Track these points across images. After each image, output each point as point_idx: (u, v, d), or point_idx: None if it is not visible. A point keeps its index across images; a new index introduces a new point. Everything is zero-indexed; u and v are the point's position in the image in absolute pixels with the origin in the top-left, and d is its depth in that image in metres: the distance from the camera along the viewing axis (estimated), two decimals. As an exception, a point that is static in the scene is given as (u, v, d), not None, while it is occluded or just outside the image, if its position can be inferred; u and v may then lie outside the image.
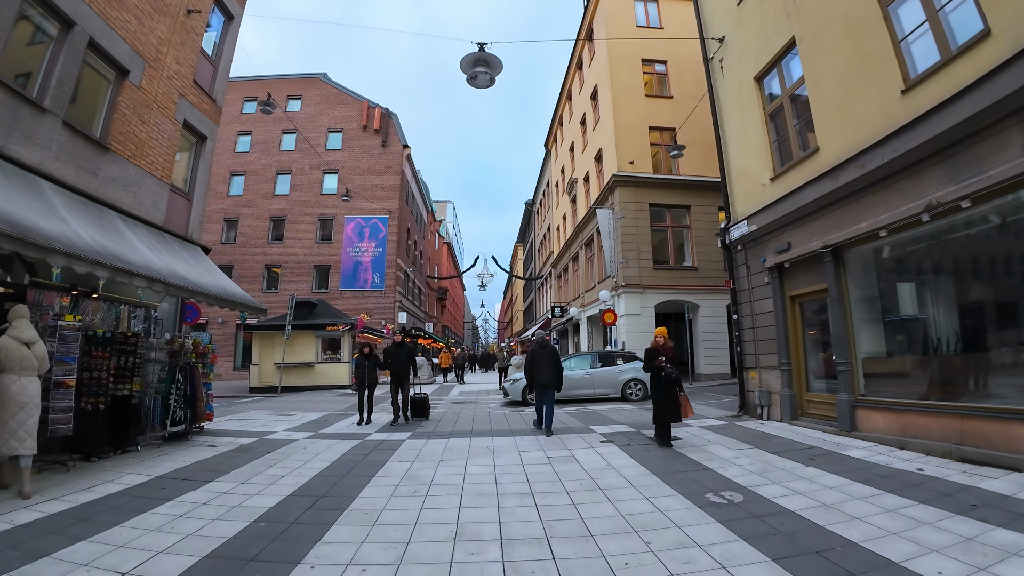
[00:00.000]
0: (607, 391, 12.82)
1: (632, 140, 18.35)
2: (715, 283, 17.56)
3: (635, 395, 12.65)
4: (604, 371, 12.98)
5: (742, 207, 9.99)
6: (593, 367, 13.10)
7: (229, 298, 8.09)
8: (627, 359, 13.28)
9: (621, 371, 12.92)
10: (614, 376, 12.88)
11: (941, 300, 6.70)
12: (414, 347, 9.82)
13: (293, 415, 11.14)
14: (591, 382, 12.86)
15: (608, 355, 13.64)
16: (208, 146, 10.73)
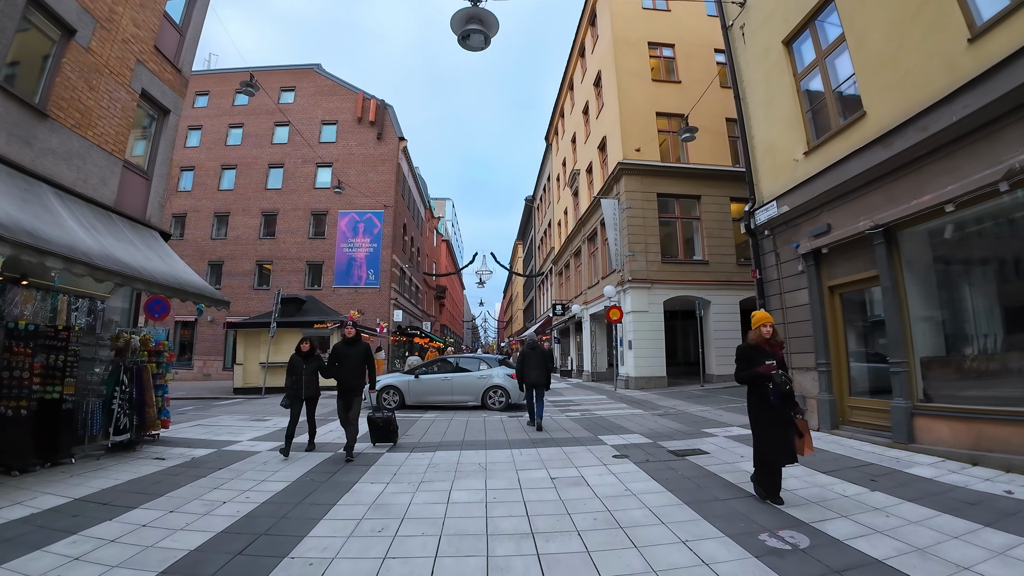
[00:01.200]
0: (466, 398, 11.89)
1: (638, 126, 17.25)
2: (727, 278, 16.49)
3: (496, 404, 11.64)
4: (464, 376, 12.14)
5: (769, 187, 8.89)
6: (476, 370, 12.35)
7: (179, 287, 6.99)
8: (491, 364, 12.40)
9: (483, 377, 11.99)
10: (474, 382, 11.96)
11: (1021, 287, 5.61)
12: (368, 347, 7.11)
13: (268, 420, 10.05)
14: (449, 387, 11.99)
15: (469, 360, 12.86)
16: (171, 120, 9.63)
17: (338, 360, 6.78)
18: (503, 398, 11.62)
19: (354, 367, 6.71)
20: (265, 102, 30.37)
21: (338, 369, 6.74)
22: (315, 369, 7.01)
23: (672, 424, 8.55)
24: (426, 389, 12.02)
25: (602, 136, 19.52)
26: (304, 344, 7.16)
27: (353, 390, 6.74)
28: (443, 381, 12.10)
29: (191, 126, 31.91)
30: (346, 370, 6.68)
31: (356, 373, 6.73)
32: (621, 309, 15.11)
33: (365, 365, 6.82)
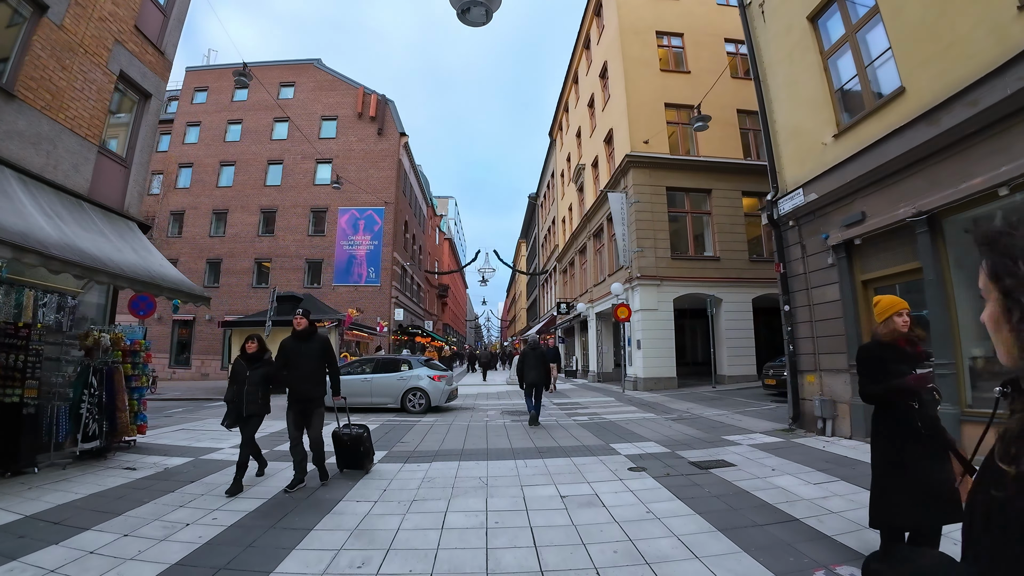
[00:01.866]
0: (386, 400, 11.35)
1: (646, 118, 16.62)
2: (739, 275, 15.85)
3: (415, 406, 11.13)
4: (384, 377, 11.57)
5: (794, 174, 8.25)
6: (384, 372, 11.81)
7: (150, 280, 6.40)
8: (412, 365, 11.83)
9: (403, 378, 11.45)
10: (394, 383, 11.41)
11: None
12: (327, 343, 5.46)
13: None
14: (368, 389, 11.43)
15: (391, 361, 12.28)
16: (153, 105, 9.04)
17: (287, 361, 5.15)
18: (423, 400, 11.11)
19: (310, 369, 5.13)
20: (264, 98, 29.91)
21: (288, 373, 5.14)
22: (262, 377, 5.24)
23: (689, 430, 7.93)
24: (346, 390, 11.38)
25: (608, 128, 18.89)
26: (249, 344, 5.40)
27: (310, 400, 5.15)
28: (363, 382, 11.50)
29: (190, 122, 31.51)
30: (299, 373, 5.09)
31: (313, 377, 5.18)
32: (629, 307, 14.49)
33: (325, 366, 5.33)
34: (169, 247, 28.89)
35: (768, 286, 16.01)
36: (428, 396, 11.08)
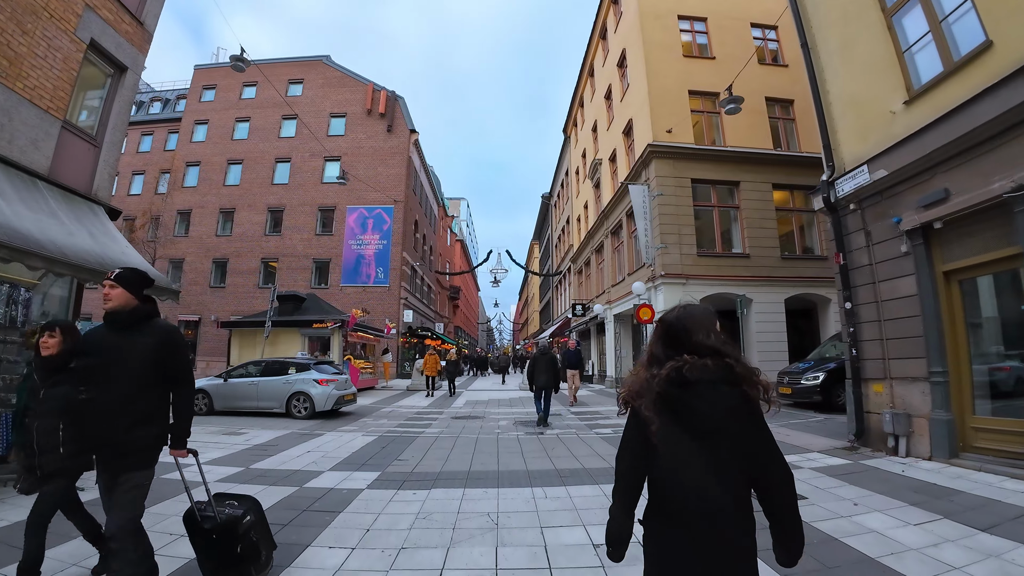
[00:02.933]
0: (271, 404, 10.98)
1: (669, 106, 15.54)
2: (770, 273, 14.68)
3: (300, 412, 10.73)
4: (269, 381, 11.17)
5: (854, 150, 7.15)
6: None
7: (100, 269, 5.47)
8: (300, 368, 11.36)
9: (288, 382, 11.02)
10: (279, 387, 10.98)
11: None
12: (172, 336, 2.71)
13: (242, 434, 8.53)
14: (255, 393, 11.10)
15: (279, 363, 11.74)
16: (129, 80, 8.19)
17: (89, 373, 2.69)
18: (307, 405, 10.70)
19: (123, 392, 2.57)
20: (272, 95, 29.34)
21: (89, 397, 2.65)
22: (61, 402, 2.80)
23: None
24: (234, 393, 11.15)
25: (628, 119, 17.83)
26: (47, 339, 2.97)
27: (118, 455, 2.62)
28: (250, 386, 11.15)
29: (197, 120, 31.06)
30: (104, 398, 2.59)
31: (128, 408, 2.58)
32: (652, 308, 13.40)
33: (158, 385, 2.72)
34: (175, 246, 28.40)
35: (801, 285, 14.87)
36: (312, 401, 10.66)
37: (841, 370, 10.66)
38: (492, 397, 15.71)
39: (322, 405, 10.65)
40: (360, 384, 16.95)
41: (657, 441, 1.48)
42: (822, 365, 11.04)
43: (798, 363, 12.35)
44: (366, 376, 18.08)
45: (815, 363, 11.55)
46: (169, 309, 27.78)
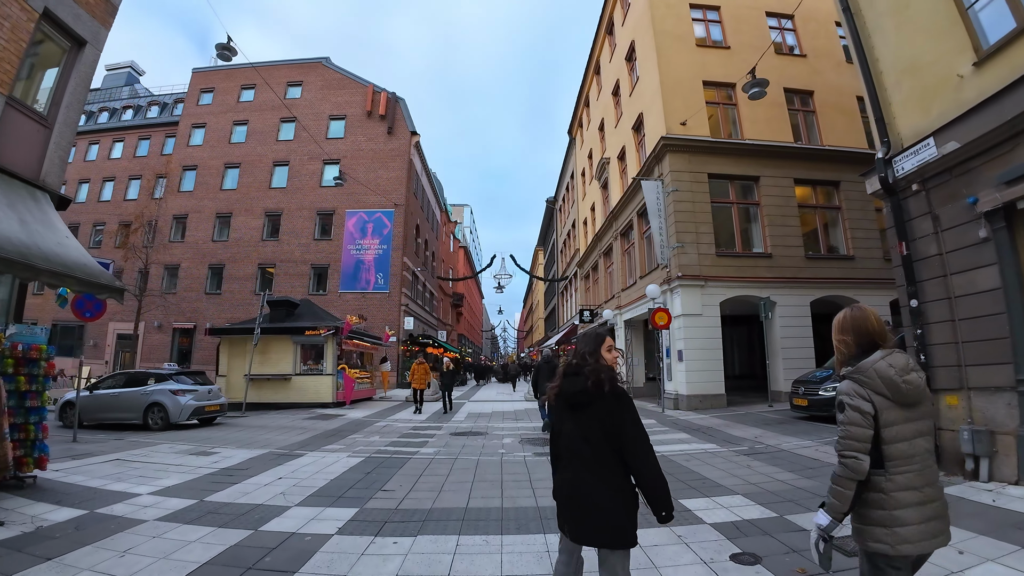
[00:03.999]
0: (130, 416, 10.80)
1: (683, 97, 14.60)
2: (795, 274, 13.67)
3: (156, 423, 10.60)
4: (129, 392, 11.04)
5: (913, 123, 6.16)
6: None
7: (23, 260, 4.51)
8: (159, 379, 11.23)
9: (145, 393, 10.87)
10: (137, 398, 10.83)
11: None
12: None
13: (212, 454, 7.55)
14: (117, 404, 10.98)
15: (140, 374, 11.76)
16: (88, 55, 7.30)
17: None
18: (162, 416, 10.57)
19: None
20: (271, 98, 28.68)
21: None
22: None
23: (779, 473, 5.81)
24: (99, 405, 11.01)
25: (638, 114, 16.90)
26: None
27: None
28: (112, 397, 11.07)
29: (195, 124, 30.43)
30: None
31: None
32: (669, 312, 12.39)
33: None
34: (171, 252, 27.62)
35: (828, 287, 13.84)
36: (167, 412, 10.56)
37: None
38: (496, 409, 14.67)
39: (176, 417, 10.55)
40: (355, 395, 16.00)
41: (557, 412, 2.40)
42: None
43: (815, 371, 11.14)
44: (362, 386, 17.09)
45: (833, 371, 10.40)
46: (164, 317, 26.99)
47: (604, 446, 2.16)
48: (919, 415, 1.86)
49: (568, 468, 2.24)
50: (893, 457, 1.82)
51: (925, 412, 1.89)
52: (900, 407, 1.83)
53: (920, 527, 1.76)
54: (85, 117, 35.73)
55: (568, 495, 2.21)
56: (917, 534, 1.76)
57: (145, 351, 27.50)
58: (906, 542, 1.76)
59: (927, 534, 1.77)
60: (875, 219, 15.05)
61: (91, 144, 34.05)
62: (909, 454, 1.82)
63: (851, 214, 14.81)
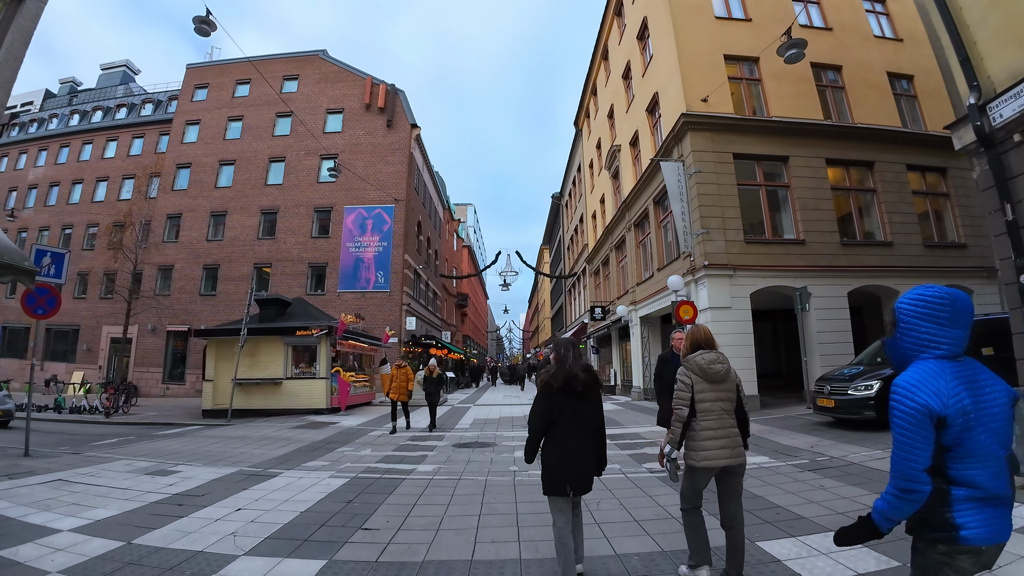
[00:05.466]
0: None
1: (703, 72, 13.41)
2: (829, 262, 12.50)
3: None
4: None
5: (1006, 62, 4.99)
6: None
7: None
8: None
9: None
10: None
11: None
12: None
13: (172, 473, 6.41)
14: None
15: None
16: (29, 8, 6.16)
17: None
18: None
19: None
20: (266, 92, 27.62)
21: None
22: None
23: (865, 496, 4.60)
24: None
25: (652, 94, 15.70)
26: None
27: None
28: None
29: (189, 121, 29.45)
30: None
31: None
32: (695, 306, 11.18)
33: None
34: (164, 253, 26.63)
35: (865, 276, 12.62)
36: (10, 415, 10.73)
37: None
38: (504, 414, 13.47)
39: None
40: (351, 400, 14.85)
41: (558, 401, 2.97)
42: (875, 371, 8.38)
43: (842, 368, 9.76)
44: (360, 391, 15.94)
45: (865, 368, 8.94)
46: (157, 319, 25.93)
47: (595, 423, 3.05)
48: (721, 388, 3.02)
49: (572, 439, 2.93)
50: (700, 411, 2.99)
51: (727, 387, 3.04)
52: (708, 383, 3.00)
53: (714, 451, 2.91)
54: (79, 117, 34.94)
55: (578, 461, 2.93)
56: (712, 455, 2.91)
57: (139, 355, 26.56)
58: (705, 459, 2.91)
59: (719, 456, 2.89)
60: (912, 202, 13.86)
61: (85, 144, 33.24)
62: (709, 410, 2.98)
63: (887, 196, 13.60)
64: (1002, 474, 1.53)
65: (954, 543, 1.51)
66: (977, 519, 1.50)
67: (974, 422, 1.51)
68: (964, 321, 1.59)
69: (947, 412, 1.50)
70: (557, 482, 2.90)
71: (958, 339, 1.58)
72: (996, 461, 1.52)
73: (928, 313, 1.60)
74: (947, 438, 1.52)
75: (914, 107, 15.15)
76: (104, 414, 15.07)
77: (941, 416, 1.50)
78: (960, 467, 1.52)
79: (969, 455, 1.51)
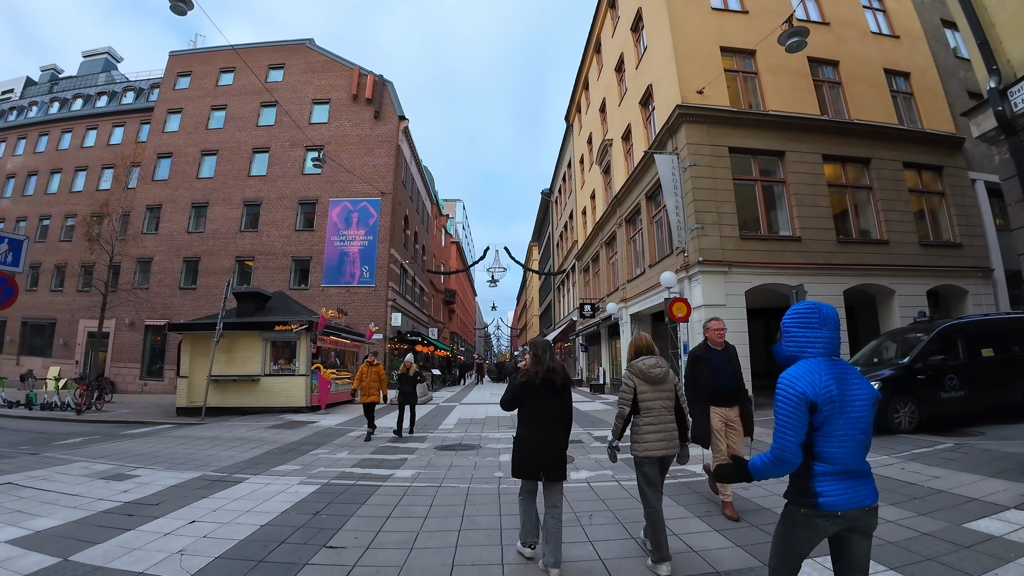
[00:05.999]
0: None
1: (699, 64, 13.07)
2: (826, 259, 12.24)
3: None
4: None
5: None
6: None
7: None
8: None
9: None
10: None
11: None
12: None
13: (126, 479, 5.91)
14: None
15: None
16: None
17: None
18: None
19: None
20: (251, 82, 26.93)
21: None
22: None
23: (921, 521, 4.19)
24: None
25: (646, 86, 15.32)
26: None
27: None
28: None
29: (171, 109, 28.62)
30: None
31: None
32: (689, 303, 10.83)
33: None
34: (142, 245, 25.85)
35: (862, 274, 12.40)
36: None
37: (902, 379, 7.95)
38: (491, 414, 13.04)
39: None
40: (332, 398, 14.34)
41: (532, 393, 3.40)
42: (874, 372, 8.21)
43: None
44: (342, 388, 15.42)
45: (862, 368, 8.67)
46: (135, 314, 25.13)
47: (567, 415, 3.47)
48: (661, 389, 3.43)
49: (547, 428, 3.37)
50: (642, 409, 3.40)
51: (666, 388, 3.45)
52: (649, 384, 3.41)
53: (653, 443, 3.31)
54: (59, 105, 33.91)
55: (552, 448, 3.35)
56: (652, 447, 3.31)
57: (116, 350, 25.77)
58: (646, 450, 3.32)
59: (658, 447, 3.30)
60: (909, 200, 13.67)
61: (64, 132, 32.28)
62: (650, 408, 3.39)
63: (883, 194, 13.39)
64: (859, 454, 1.88)
65: (814, 508, 1.86)
66: (834, 489, 1.85)
67: (839, 409, 1.86)
68: (831, 324, 1.97)
69: (818, 399, 1.85)
70: (529, 468, 3.36)
71: (828, 339, 1.96)
72: (854, 443, 1.87)
73: (802, 321, 2.00)
74: (816, 420, 1.87)
75: (911, 105, 14.96)
76: (76, 411, 14.46)
77: (813, 402, 1.85)
78: (823, 445, 1.87)
79: (831, 436, 1.86)
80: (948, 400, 8.08)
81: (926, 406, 7.97)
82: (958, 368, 8.23)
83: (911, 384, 8.01)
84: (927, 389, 8.02)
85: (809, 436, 1.87)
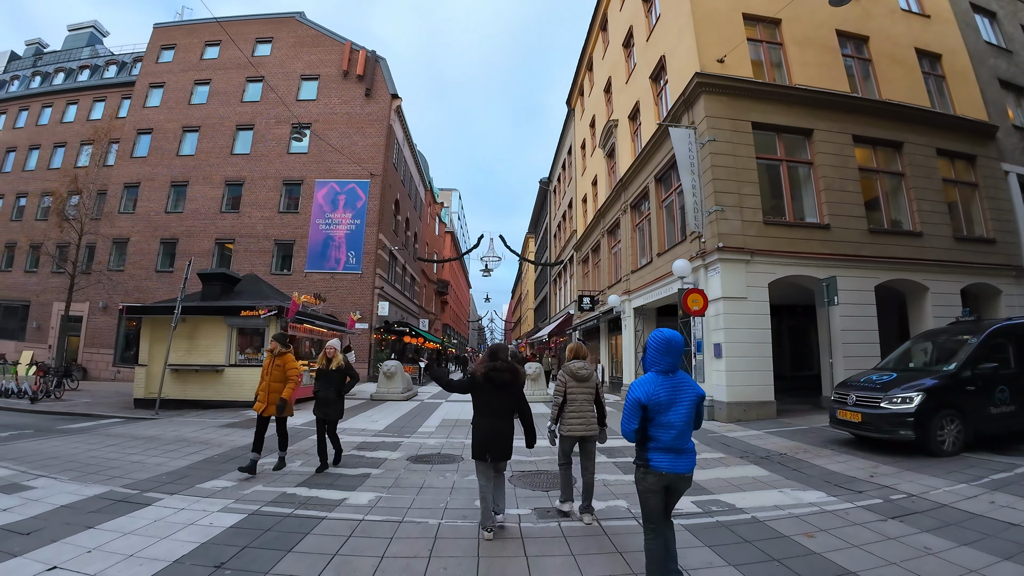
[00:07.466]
0: None
1: (719, 29, 11.76)
2: (856, 250, 11.02)
3: None
4: None
5: None
6: None
7: None
8: None
9: None
10: None
11: None
12: None
13: (19, 491, 4.60)
14: None
15: None
16: None
17: None
18: None
19: None
20: (236, 55, 25.39)
21: None
22: None
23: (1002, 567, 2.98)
24: None
25: (658, 58, 13.97)
26: None
27: None
28: None
29: (153, 83, 27.07)
30: None
31: None
32: (705, 295, 9.57)
33: None
34: (118, 224, 24.38)
35: (894, 268, 11.17)
36: None
37: (948, 389, 6.49)
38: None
39: None
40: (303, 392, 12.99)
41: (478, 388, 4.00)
42: (914, 381, 6.77)
43: (868, 373, 8.06)
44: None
45: (899, 375, 7.26)
46: (109, 297, 23.67)
47: (514, 408, 4.04)
48: (586, 386, 4.35)
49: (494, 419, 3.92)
50: (569, 400, 4.30)
51: (589, 385, 4.37)
52: (576, 382, 4.35)
53: (575, 425, 4.23)
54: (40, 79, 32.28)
55: (497, 435, 3.89)
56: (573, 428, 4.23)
57: (89, 334, 24.40)
58: (569, 431, 4.26)
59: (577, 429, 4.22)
60: (942, 189, 12.45)
61: (44, 107, 30.74)
62: (575, 399, 4.29)
63: (916, 182, 12.18)
64: (681, 437, 2.73)
65: (647, 468, 2.75)
66: (659, 458, 2.73)
67: (664, 408, 2.71)
68: (675, 352, 2.80)
69: (648, 403, 2.72)
70: (480, 450, 3.88)
71: (670, 363, 2.78)
72: (676, 430, 2.71)
73: (656, 347, 2.82)
74: (649, 415, 2.73)
75: (942, 88, 13.77)
76: (31, 399, 13.16)
77: (645, 404, 2.73)
78: (653, 430, 2.75)
79: (658, 425, 2.72)
80: (998, 416, 6.73)
81: (972, 422, 6.58)
82: (1009, 378, 6.89)
83: (957, 396, 6.61)
84: (976, 402, 6.66)
85: (643, 423, 2.76)
